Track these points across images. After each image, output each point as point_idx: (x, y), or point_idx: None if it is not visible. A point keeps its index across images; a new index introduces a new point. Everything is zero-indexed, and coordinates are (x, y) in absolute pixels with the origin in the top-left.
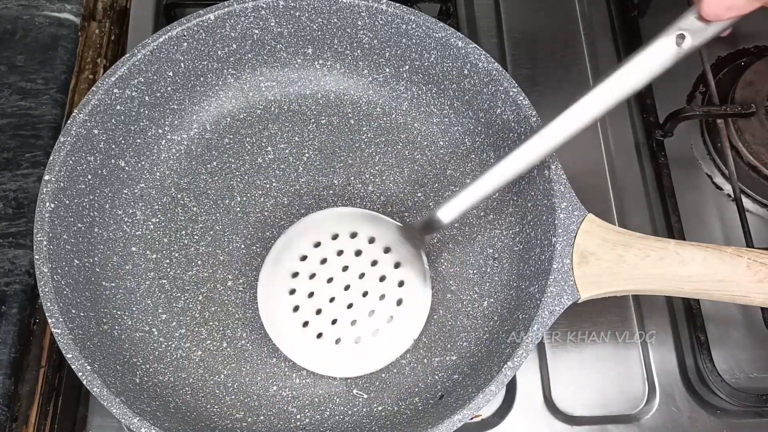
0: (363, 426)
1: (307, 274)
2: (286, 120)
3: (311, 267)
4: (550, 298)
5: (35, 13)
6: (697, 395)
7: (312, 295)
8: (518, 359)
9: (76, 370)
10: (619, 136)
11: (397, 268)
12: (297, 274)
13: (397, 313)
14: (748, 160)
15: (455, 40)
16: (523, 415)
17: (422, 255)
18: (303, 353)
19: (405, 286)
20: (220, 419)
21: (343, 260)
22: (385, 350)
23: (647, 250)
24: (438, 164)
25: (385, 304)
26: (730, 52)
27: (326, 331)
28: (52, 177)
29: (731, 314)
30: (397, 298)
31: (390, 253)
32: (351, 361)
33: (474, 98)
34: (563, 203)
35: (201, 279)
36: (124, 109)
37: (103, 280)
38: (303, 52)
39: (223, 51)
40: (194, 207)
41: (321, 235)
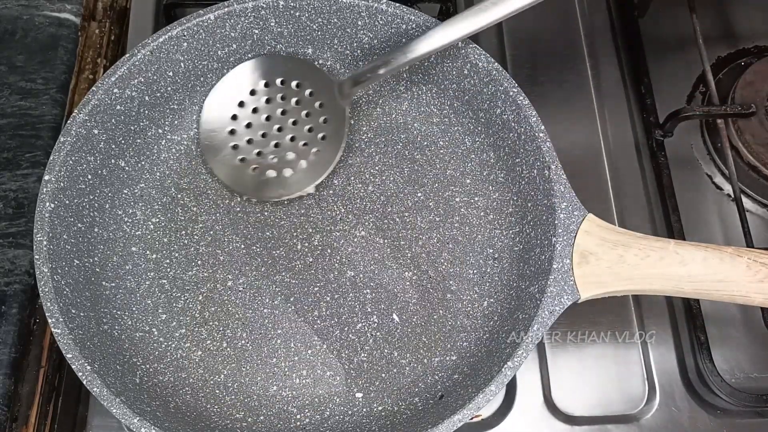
0: (363, 426)
1: (251, 107)
2: None
3: (256, 102)
4: (550, 298)
5: (35, 13)
6: (697, 395)
7: (249, 126)
8: (518, 359)
9: (76, 370)
10: (619, 136)
11: (324, 123)
12: (243, 104)
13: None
14: (748, 160)
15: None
16: (523, 415)
17: (347, 109)
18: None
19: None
20: (220, 419)
21: (284, 105)
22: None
23: (647, 250)
24: (438, 164)
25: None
26: (730, 52)
27: (250, 158)
28: (52, 177)
29: (731, 314)
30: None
31: (323, 108)
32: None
33: (474, 98)
34: (563, 203)
35: (201, 279)
36: (124, 109)
37: (103, 280)
38: (303, 52)
39: (223, 51)
40: (194, 207)
41: (271, 77)
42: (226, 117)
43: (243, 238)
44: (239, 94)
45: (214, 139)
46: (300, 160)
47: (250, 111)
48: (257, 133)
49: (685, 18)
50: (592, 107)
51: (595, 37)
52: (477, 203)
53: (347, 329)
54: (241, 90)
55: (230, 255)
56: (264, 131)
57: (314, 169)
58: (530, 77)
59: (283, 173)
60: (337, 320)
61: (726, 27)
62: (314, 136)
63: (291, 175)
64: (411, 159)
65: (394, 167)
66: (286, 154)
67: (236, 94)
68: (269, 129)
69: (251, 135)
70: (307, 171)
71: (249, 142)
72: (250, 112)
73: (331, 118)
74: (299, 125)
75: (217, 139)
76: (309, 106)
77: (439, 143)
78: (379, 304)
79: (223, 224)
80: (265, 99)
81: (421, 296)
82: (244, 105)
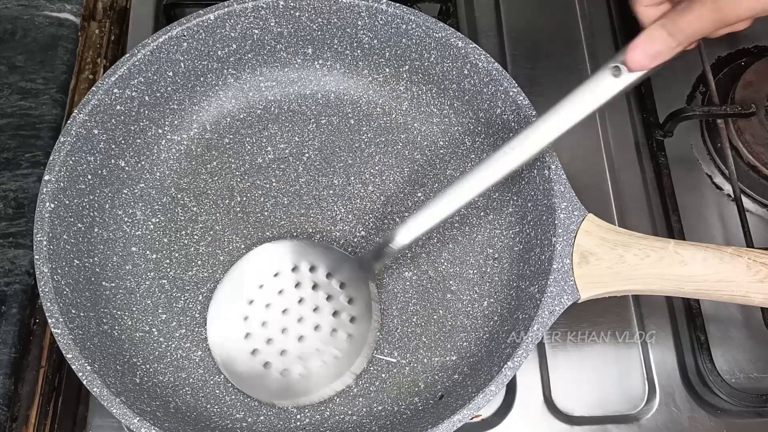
0: (363, 426)
1: (263, 302)
2: (286, 120)
3: (267, 297)
4: (550, 298)
5: (35, 13)
6: (697, 395)
7: (265, 324)
8: (518, 359)
9: (76, 370)
10: (619, 136)
11: (350, 303)
12: (252, 302)
13: (345, 349)
14: (748, 160)
15: (455, 40)
16: (523, 415)
17: (371, 285)
18: (248, 381)
19: (356, 322)
20: (220, 419)
21: (299, 293)
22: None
23: (647, 250)
24: (438, 164)
25: (334, 339)
26: (730, 52)
27: (274, 361)
28: (52, 177)
29: (731, 314)
30: (347, 333)
31: (345, 288)
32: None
33: (474, 98)
34: (563, 203)
35: (201, 279)
36: (124, 109)
37: (103, 280)
38: (303, 52)
39: (223, 51)
40: (194, 207)
41: (281, 265)
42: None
43: (243, 238)
44: (248, 292)
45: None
46: (332, 350)
47: (263, 307)
48: (276, 329)
49: None
50: None
51: (595, 37)
52: (477, 203)
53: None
54: (250, 285)
55: (230, 255)
56: (284, 327)
57: (349, 356)
58: (530, 77)
59: (314, 369)
60: (337, 320)
61: None
62: (342, 320)
63: (323, 369)
64: (411, 159)
65: (394, 167)
66: (314, 346)
67: (244, 292)
68: (289, 323)
69: (269, 334)
70: (342, 360)
71: (269, 342)
72: (263, 308)
73: (356, 296)
74: (322, 311)
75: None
76: (329, 288)
77: (439, 143)
78: (379, 304)
79: (223, 224)
80: (277, 290)
81: (421, 296)
82: (253, 302)
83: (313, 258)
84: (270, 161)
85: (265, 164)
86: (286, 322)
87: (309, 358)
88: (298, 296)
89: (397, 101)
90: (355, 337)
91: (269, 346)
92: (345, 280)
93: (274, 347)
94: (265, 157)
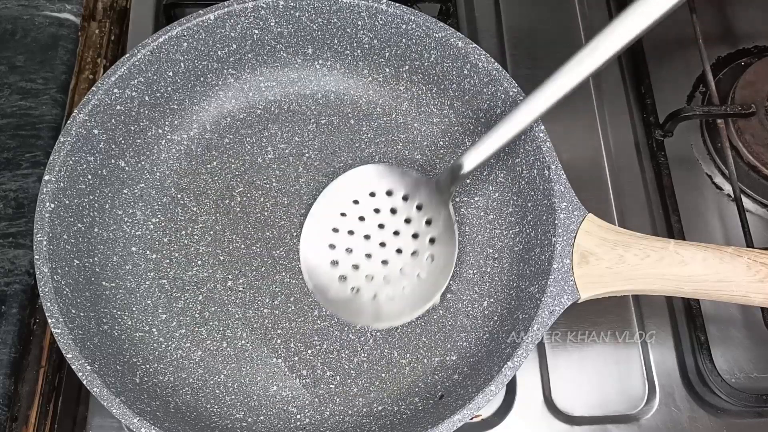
0: (363, 426)
1: (347, 230)
2: (286, 120)
3: (350, 224)
4: (550, 298)
5: (35, 13)
6: (697, 395)
7: (350, 250)
8: (518, 359)
9: (76, 370)
10: (619, 136)
11: (428, 225)
12: (337, 230)
13: (427, 269)
14: (748, 160)
15: (455, 40)
16: (523, 415)
17: (450, 206)
18: (342, 307)
19: (436, 243)
20: (220, 419)
21: (379, 218)
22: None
23: (647, 250)
24: (438, 164)
25: (417, 261)
26: (730, 52)
27: (362, 285)
28: (52, 177)
29: (731, 314)
30: (428, 254)
31: (422, 210)
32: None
33: (474, 98)
34: (563, 203)
35: (201, 279)
36: (124, 109)
37: (103, 280)
38: (303, 52)
39: (223, 51)
40: (194, 207)
41: (359, 193)
42: (325, 247)
43: (243, 238)
44: (331, 221)
45: (319, 274)
46: (416, 272)
47: (346, 234)
48: (361, 255)
49: (685, 18)
50: (592, 107)
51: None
52: (477, 203)
53: (347, 329)
54: (332, 215)
55: (230, 255)
56: (368, 252)
57: (434, 277)
58: (530, 77)
59: (403, 291)
60: (337, 320)
61: (726, 27)
62: (422, 241)
63: (411, 291)
64: (411, 159)
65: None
66: (399, 269)
67: (328, 221)
68: (372, 248)
69: (355, 260)
70: (427, 280)
71: (355, 268)
72: (346, 234)
73: (434, 217)
74: (402, 235)
75: (322, 273)
76: (407, 211)
77: (439, 143)
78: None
79: (223, 224)
80: (358, 217)
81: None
82: (338, 231)
83: (389, 182)
84: (270, 161)
85: (265, 164)
86: (370, 248)
87: (395, 281)
88: (378, 221)
89: (397, 101)
90: (436, 257)
91: (356, 271)
92: (422, 203)
93: (361, 273)
94: (265, 157)
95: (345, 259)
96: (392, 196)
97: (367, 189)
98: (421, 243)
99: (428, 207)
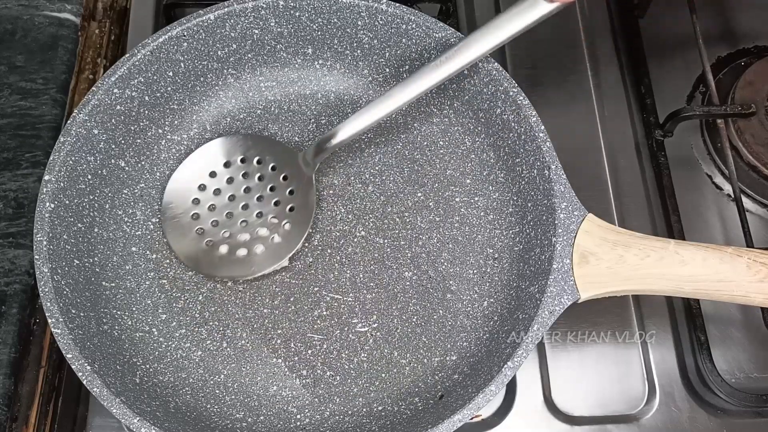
0: (363, 426)
1: (213, 188)
2: (286, 120)
3: (218, 183)
4: (550, 298)
5: (35, 13)
6: (697, 395)
7: (213, 208)
8: (518, 359)
9: (76, 370)
10: (619, 136)
11: (291, 194)
12: (204, 187)
13: (282, 234)
14: (748, 160)
15: (455, 40)
16: (523, 415)
17: (313, 179)
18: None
19: (294, 211)
20: (220, 419)
21: (246, 182)
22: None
23: (647, 250)
24: (438, 164)
25: (274, 226)
26: (730, 52)
27: (218, 241)
28: (52, 177)
29: (731, 314)
30: (285, 221)
31: (287, 180)
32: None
33: (474, 98)
34: (563, 203)
35: (201, 279)
36: (124, 109)
37: (103, 280)
38: (303, 52)
39: (223, 51)
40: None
41: (232, 156)
42: (188, 201)
43: None
44: (199, 178)
45: (177, 225)
46: (271, 235)
47: (212, 193)
48: (222, 214)
49: (685, 18)
50: (592, 107)
51: (595, 37)
52: (477, 203)
53: (347, 329)
54: (201, 173)
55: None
56: (229, 211)
57: (287, 242)
58: (530, 77)
59: (255, 250)
60: (337, 320)
61: (726, 27)
62: (282, 209)
63: (263, 251)
64: (411, 159)
65: (394, 167)
66: (256, 231)
67: (196, 178)
68: (234, 209)
69: (216, 217)
70: (280, 244)
71: (214, 224)
72: (212, 194)
73: (297, 188)
74: (265, 200)
75: (180, 224)
76: (273, 180)
77: (439, 143)
78: (379, 304)
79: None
80: (226, 179)
81: (421, 296)
82: (205, 188)
83: (260, 150)
84: None
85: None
86: (232, 208)
87: (250, 240)
88: (245, 186)
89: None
90: (292, 225)
91: (215, 228)
92: (288, 174)
93: (219, 229)
94: None
95: (206, 216)
96: (262, 164)
97: (238, 155)
98: (281, 210)
99: (293, 178)
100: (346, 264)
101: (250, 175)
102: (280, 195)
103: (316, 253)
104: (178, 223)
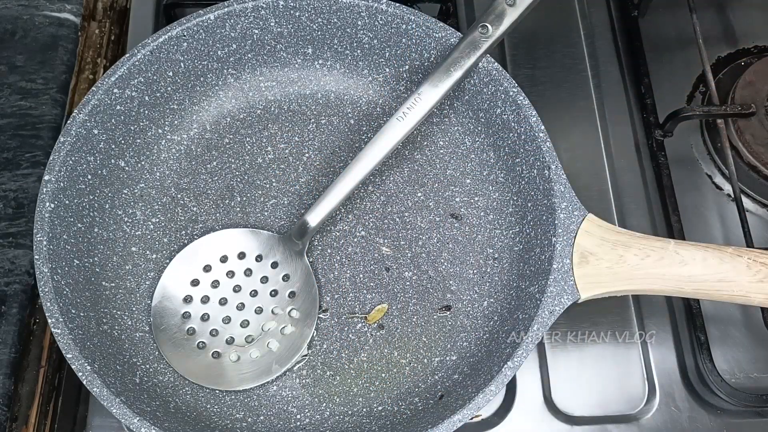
0: (363, 426)
1: (200, 297)
2: (286, 120)
3: (203, 290)
4: (550, 298)
5: (35, 13)
6: (697, 395)
7: (206, 317)
8: (518, 359)
9: (76, 370)
10: (619, 136)
11: (286, 280)
12: (190, 299)
13: (291, 323)
14: (748, 160)
15: (455, 40)
16: (523, 415)
17: (305, 258)
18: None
19: (296, 296)
20: (220, 419)
21: (234, 281)
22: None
23: (647, 250)
24: (438, 164)
25: (279, 317)
26: (730, 52)
27: (223, 350)
28: (52, 177)
29: (731, 314)
30: (289, 309)
31: (278, 267)
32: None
33: (474, 98)
34: (563, 203)
35: None
36: (124, 109)
37: (103, 280)
38: (303, 52)
39: (223, 51)
40: (194, 207)
41: (210, 258)
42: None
43: None
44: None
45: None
46: (280, 326)
47: (200, 302)
48: (218, 320)
49: (685, 18)
50: (592, 107)
51: (595, 37)
52: (477, 203)
53: (347, 329)
54: (183, 284)
55: None
56: (225, 315)
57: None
58: (530, 77)
59: (269, 347)
60: (337, 320)
61: (726, 27)
62: (282, 297)
63: (278, 346)
64: (411, 159)
65: (394, 167)
66: (261, 327)
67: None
68: (230, 311)
69: (213, 326)
70: (294, 333)
71: (213, 334)
72: (200, 303)
73: (291, 272)
74: (261, 294)
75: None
76: (262, 270)
77: (439, 143)
78: (379, 304)
79: (223, 224)
80: (210, 283)
81: (421, 296)
82: (191, 300)
83: (240, 245)
84: (270, 161)
85: (265, 164)
86: (227, 311)
87: (258, 340)
88: (233, 284)
89: (397, 101)
90: (298, 310)
91: (215, 337)
92: (277, 260)
93: (220, 338)
94: (265, 157)
95: (201, 327)
96: (245, 258)
97: (218, 254)
98: (281, 299)
99: (284, 263)
100: (346, 264)
101: (236, 272)
102: (274, 284)
103: (316, 253)
104: (175, 343)
